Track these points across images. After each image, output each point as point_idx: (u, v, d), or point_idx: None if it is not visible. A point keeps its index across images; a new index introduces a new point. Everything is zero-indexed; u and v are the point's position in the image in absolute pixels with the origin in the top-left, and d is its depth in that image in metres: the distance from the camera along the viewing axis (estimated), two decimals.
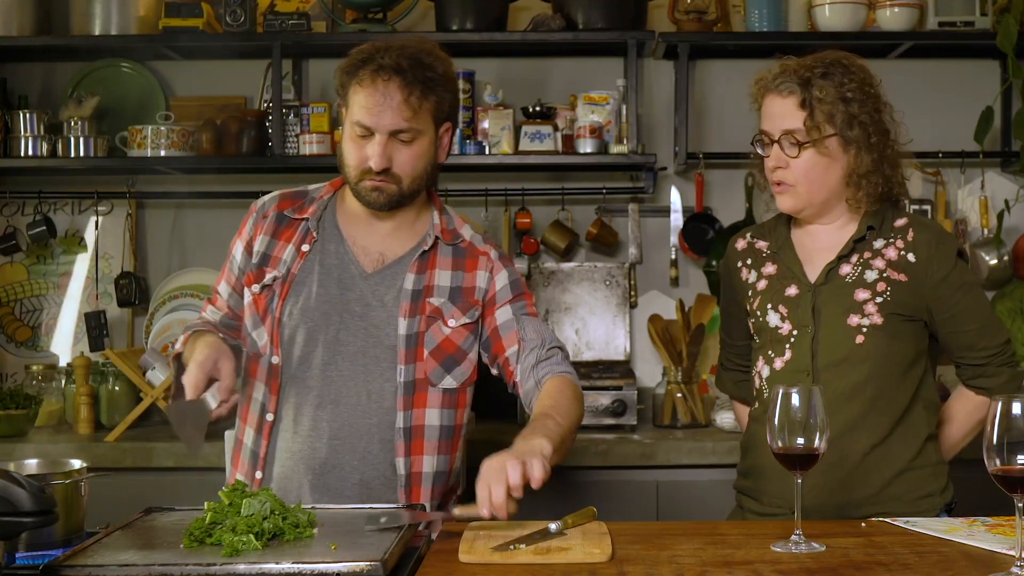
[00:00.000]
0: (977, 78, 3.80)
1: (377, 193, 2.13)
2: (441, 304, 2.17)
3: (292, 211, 2.24)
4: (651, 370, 3.81)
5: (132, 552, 1.65)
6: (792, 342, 2.18)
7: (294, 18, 3.60)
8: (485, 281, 2.22)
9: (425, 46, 2.15)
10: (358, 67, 2.11)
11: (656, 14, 3.78)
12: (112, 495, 2.29)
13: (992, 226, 3.74)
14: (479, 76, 3.75)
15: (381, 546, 1.66)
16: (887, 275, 2.14)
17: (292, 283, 2.17)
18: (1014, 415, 1.56)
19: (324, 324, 2.15)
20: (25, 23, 3.66)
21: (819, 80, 2.10)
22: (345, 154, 2.15)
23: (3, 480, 1.51)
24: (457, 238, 2.24)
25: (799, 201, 2.16)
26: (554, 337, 2.22)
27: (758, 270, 2.27)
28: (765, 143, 2.18)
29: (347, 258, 2.18)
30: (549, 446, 1.85)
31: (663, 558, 1.71)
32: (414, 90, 2.08)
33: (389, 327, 2.14)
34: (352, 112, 2.12)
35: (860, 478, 2.14)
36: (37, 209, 3.81)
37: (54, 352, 3.88)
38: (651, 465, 3.24)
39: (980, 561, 1.69)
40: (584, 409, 2.15)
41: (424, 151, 2.13)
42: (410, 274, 2.17)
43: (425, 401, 2.16)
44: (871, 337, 2.12)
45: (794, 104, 2.11)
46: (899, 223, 2.17)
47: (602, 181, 3.82)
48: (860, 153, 2.12)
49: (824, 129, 2.10)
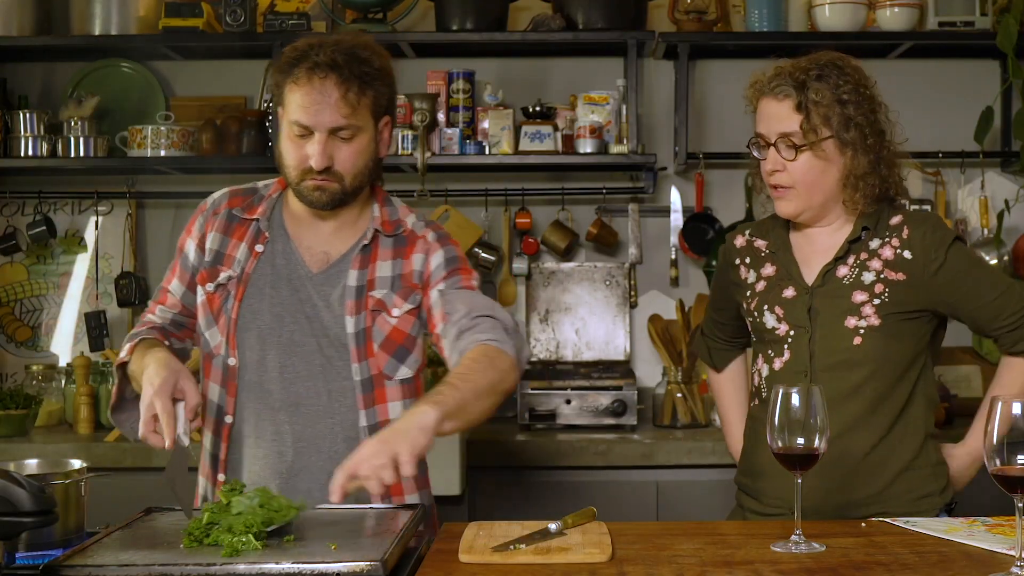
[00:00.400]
0: (977, 78, 3.80)
1: (319, 192, 2.09)
2: (383, 296, 2.13)
3: (241, 210, 2.20)
4: (651, 370, 3.81)
5: (132, 552, 1.65)
6: (790, 343, 2.18)
7: (294, 18, 3.60)
8: (420, 263, 2.17)
9: (361, 41, 2.11)
10: (292, 65, 2.06)
11: (656, 14, 3.78)
12: (112, 495, 2.29)
13: (992, 226, 3.74)
14: (479, 76, 3.75)
15: (381, 546, 1.66)
16: (884, 276, 2.13)
17: (247, 283, 2.14)
18: (1014, 415, 1.56)
19: (278, 326, 2.12)
20: (25, 23, 3.66)
21: (814, 82, 2.10)
22: (284, 155, 2.11)
23: (3, 480, 1.51)
24: (399, 228, 2.19)
25: (798, 204, 2.16)
26: (488, 305, 2.12)
27: (757, 270, 2.27)
28: (761, 146, 2.17)
29: (294, 259, 2.16)
30: (434, 414, 1.80)
31: (663, 558, 1.71)
32: (352, 86, 2.04)
33: (338, 327, 2.12)
34: (289, 111, 2.07)
35: (860, 478, 2.14)
36: (37, 209, 3.81)
37: (54, 352, 3.88)
38: (651, 465, 3.25)
39: (980, 561, 1.69)
40: (511, 374, 2.02)
41: (364, 147, 2.10)
42: (352, 271, 2.14)
43: (385, 396, 2.14)
44: (868, 338, 2.12)
45: (790, 107, 2.11)
46: (894, 221, 2.17)
47: (602, 181, 3.83)
48: (857, 155, 2.11)
49: (820, 132, 2.09)
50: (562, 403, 3.49)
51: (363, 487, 1.74)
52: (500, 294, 3.84)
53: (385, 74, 2.12)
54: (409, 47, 3.73)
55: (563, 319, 3.83)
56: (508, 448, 3.29)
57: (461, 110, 3.70)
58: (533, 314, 3.83)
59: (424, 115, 3.56)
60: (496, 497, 3.25)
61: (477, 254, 3.78)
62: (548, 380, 3.54)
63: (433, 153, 3.62)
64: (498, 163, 3.64)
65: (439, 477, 3.12)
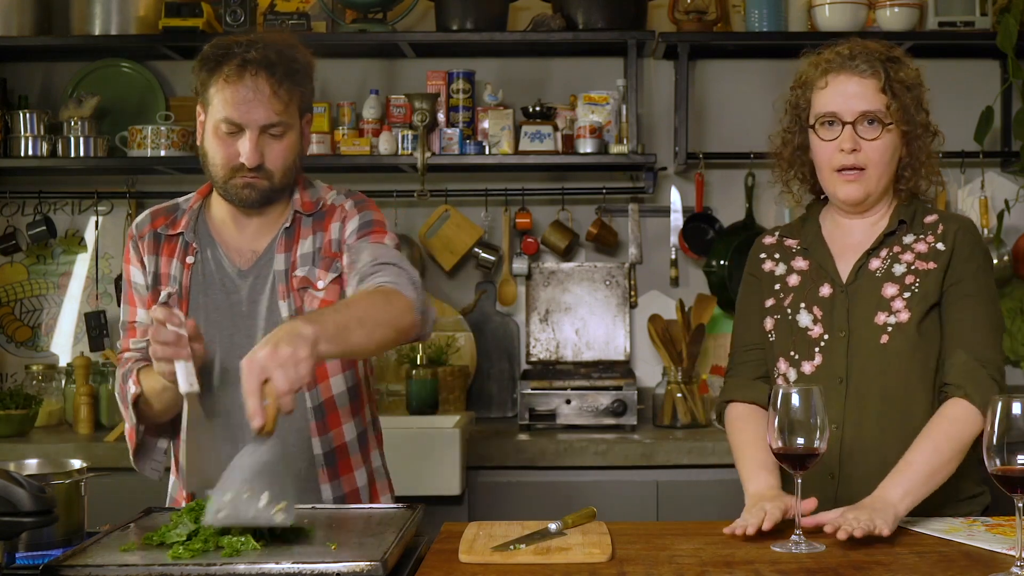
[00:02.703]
0: (977, 78, 3.79)
1: (249, 190, 2.08)
2: (306, 272, 2.13)
3: (166, 227, 2.19)
4: (651, 370, 3.81)
5: (132, 552, 1.65)
6: (823, 346, 2.09)
7: (294, 18, 3.61)
8: (337, 231, 2.16)
9: (286, 39, 2.11)
10: (221, 62, 2.04)
11: (656, 14, 3.78)
12: (112, 495, 2.29)
13: (992, 226, 3.74)
14: (479, 76, 3.75)
15: (381, 546, 1.66)
16: (915, 267, 2.07)
17: (188, 298, 2.14)
18: (1014, 415, 1.56)
19: (217, 332, 2.12)
20: (25, 23, 3.66)
21: (896, 64, 2.07)
22: (210, 153, 2.09)
23: (3, 480, 1.51)
24: (319, 204, 2.18)
25: (868, 187, 2.08)
26: (396, 257, 2.06)
27: (787, 263, 2.18)
28: (831, 124, 2.08)
29: (223, 262, 2.15)
30: (311, 330, 1.72)
31: (663, 558, 1.71)
32: (283, 83, 2.04)
33: (274, 316, 2.12)
34: (216, 109, 2.05)
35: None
36: (37, 209, 3.81)
37: (54, 352, 3.88)
38: (651, 465, 3.24)
39: (980, 561, 1.69)
40: (408, 315, 1.94)
41: (294, 144, 2.10)
42: (279, 255, 2.14)
43: (326, 373, 2.13)
44: (895, 338, 2.05)
45: (875, 86, 2.05)
46: (929, 219, 2.12)
47: (602, 181, 3.83)
48: (923, 141, 2.10)
49: (902, 113, 2.06)
50: (562, 403, 3.49)
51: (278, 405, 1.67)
52: (500, 294, 3.84)
53: (310, 71, 2.13)
54: (409, 47, 3.72)
55: (563, 319, 3.83)
56: (508, 448, 3.29)
57: (461, 110, 3.70)
58: (533, 314, 3.83)
59: (424, 115, 3.56)
60: (496, 497, 3.25)
61: (477, 254, 3.78)
62: (548, 380, 3.53)
63: (433, 153, 3.62)
64: (498, 163, 3.65)
65: (439, 477, 3.15)
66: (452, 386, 3.69)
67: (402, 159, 3.61)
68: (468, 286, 3.87)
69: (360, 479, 2.17)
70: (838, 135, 2.06)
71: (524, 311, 3.85)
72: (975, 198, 3.81)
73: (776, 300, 2.17)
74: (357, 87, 3.84)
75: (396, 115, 3.68)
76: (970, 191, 3.82)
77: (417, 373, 3.60)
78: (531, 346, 3.82)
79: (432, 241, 3.78)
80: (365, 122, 3.70)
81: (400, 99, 3.69)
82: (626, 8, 3.62)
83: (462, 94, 3.70)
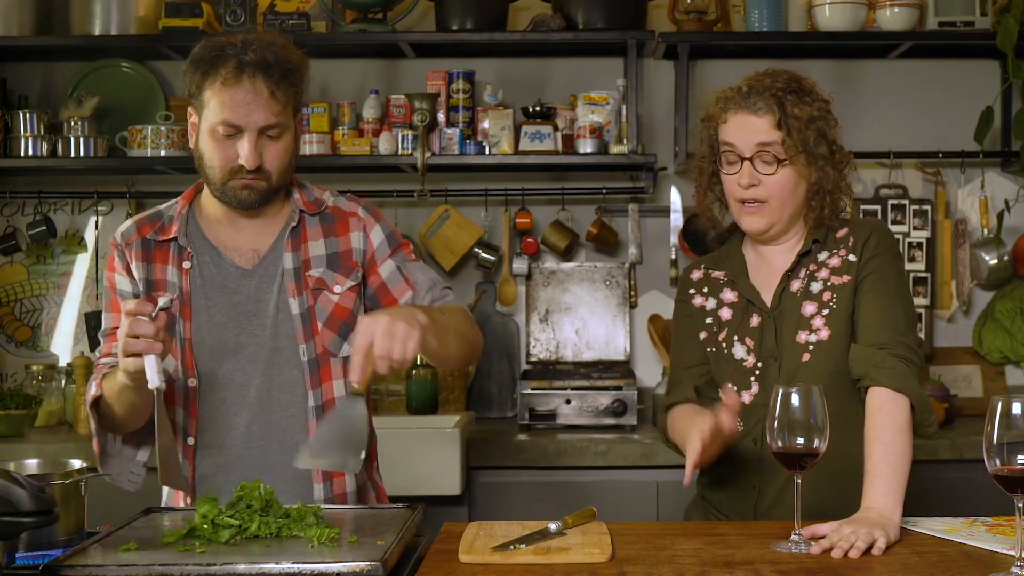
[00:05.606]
0: (977, 78, 3.80)
1: (248, 191, 2.08)
2: (321, 273, 2.15)
3: (155, 233, 2.17)
4: (651, 370, 3.81)
5: (132, 552, 1.65)
6: (758, 374, 2.13)
7: (294, 18, 3.61)
8: (361, 241, 2.19)
9: (280, 40, 2.11)
10: (216, 64, 2.04)
11: (656, 14, 3.78)
12: (112, 495, 2.29)
13: (992, 226, 3.74)
14: (479, 76, 3.75)
15: (381, 546, 1.66)
16: (831, 283, 2.12)
17: (189, 303, 2.13)
18: (1014, 415, 1.56)
19: (222, 334, 2.12)
20: (25, 23, 3.66)
21: (790, 97, 2.10)
22: (207, 156, 2.09)
23: (3, 480, 1.51)
24: (321, 205, 2.20)
25: (770, 218, 2.13)
26: (442, 280, 2.24)
27: (717, 296, 2.23)
28: (731, 160, 2.14)
29: (224, 263, 2.15)
30: (426, 319, 1.87)
31: (663, 558, 1.72)
32: (280, 85, 2.04)
33: (283, 313, 2.12)
34: (212, 111, 2.05)
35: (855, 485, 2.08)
36: (37, 209, 3.81)
37: (54, 352, 3.88)
38: (651, 465, 3.25)
39: (980, 561, 1.69)
40: (480, 337, 2.18)
41: (290, 145, 2.11)
42: (287, 253, 2.14)
43: (330, 375, 2.15)
44: (816, 356, 2.09)
45: (770, 122, 2.09)
46: (840, 234, 2.16)
47: (602, 181, 3.83)
48: (827, 169, 2.12)
49: (798, 146, 2.09)
50: (562, 403, 3.49)
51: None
52: (500, 294, 3.84)
53: (303, 71, 2.13)
54: (409, 47, 3.73)
55: (563, 319, 3.83)
56: (508, 448, 3.29)
57: (461, 110, 3.70)
58: (533, 314, 3.83)
59: (424, 115, 3.56)
60: (496, 497, 3.25)
61: (477, 254, 3.78)
62: (548, 380, 3.54)
63: (433, 153, 3.62)
64: (498, 163, 3.65)
65: (439, 477, 3.15)
66: (452, 386, 3.69)
67: (402, 159, 3.61)
68: (468, 286, 3.87)
69: (350, 484, 2.17)
70: (738, 170, 2.12)
71: (524, 311, 3.85)
72: (975, 198, 3.81)
73: (709, 334, 2.22)
74: (357, 87, 3.84)
75: (396, 115, 3.68)
76: (970, 191, 3.82)
77: (417, 373, 3.60)
78: (531, 346, 3.82)
79: (432, 241, 3.78)
80: (365, 122, 3.70)
81: (400, 99, 3.69)
82: (626, 8, 3.62)
83: (462, 94, 3.70)
